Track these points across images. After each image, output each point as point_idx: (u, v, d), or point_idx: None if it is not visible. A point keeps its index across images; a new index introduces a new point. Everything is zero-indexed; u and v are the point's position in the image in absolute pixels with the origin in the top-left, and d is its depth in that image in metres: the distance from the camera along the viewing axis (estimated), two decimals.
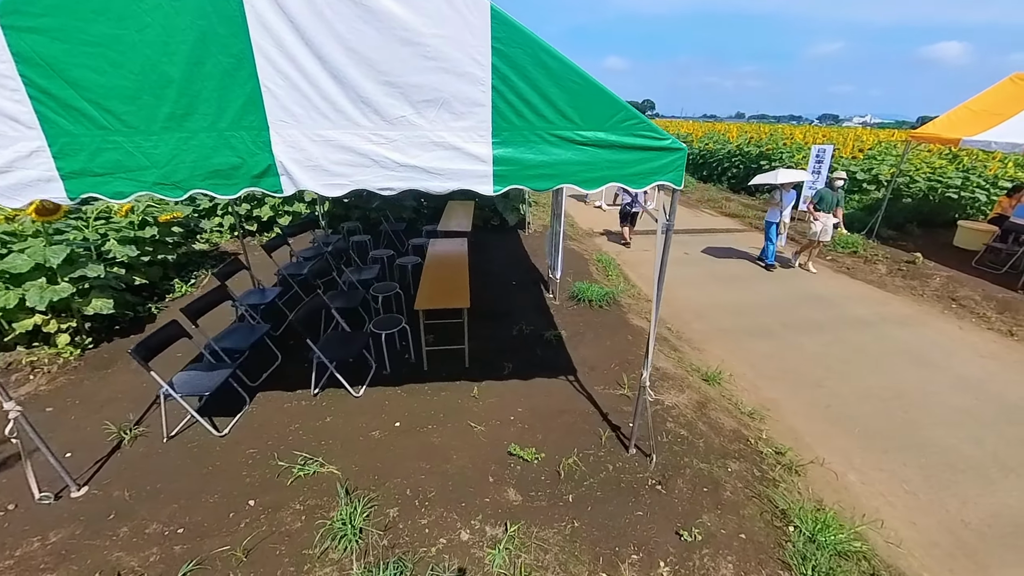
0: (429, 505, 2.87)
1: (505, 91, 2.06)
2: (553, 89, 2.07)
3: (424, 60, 2.00)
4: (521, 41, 1.99)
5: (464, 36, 1.96)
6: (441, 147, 2.12)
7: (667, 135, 2.22)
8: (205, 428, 3.44)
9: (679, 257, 8.49)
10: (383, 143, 2.11)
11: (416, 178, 2.16)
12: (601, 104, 2.12)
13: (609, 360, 4.52)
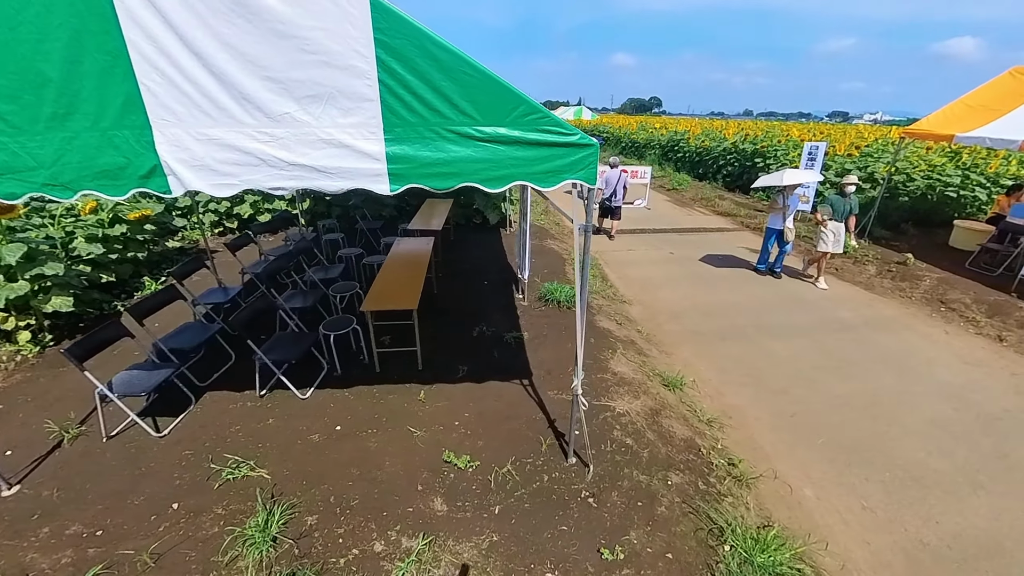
0: (350, 513, 2.76)
1: (393, 85, 1.92)
2: (446, 82, 1.92)
3: (304, 54, 1.87)
4: (406, 32, 1.85)
5: (344, 28, 1.83)
6: (331, 145, 2.00)
7: (575, 130, 2.06)
8: (145, 429, 3.39)
9: (664, 257, 8.26)
10: (269, 141, 1.99)
11: (307, 177, 2.04)
12: (499, 98, 1.97)
13: (567, 363, 4.36)
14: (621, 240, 9.22)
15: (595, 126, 27.22)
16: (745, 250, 8.65)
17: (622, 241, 9.15)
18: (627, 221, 10.53)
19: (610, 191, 8.70)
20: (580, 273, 2.56)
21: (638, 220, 10.68)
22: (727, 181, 13.73)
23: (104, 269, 5.06)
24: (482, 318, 5.11)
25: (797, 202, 6.84)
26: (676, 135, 17.99)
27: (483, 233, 8.45)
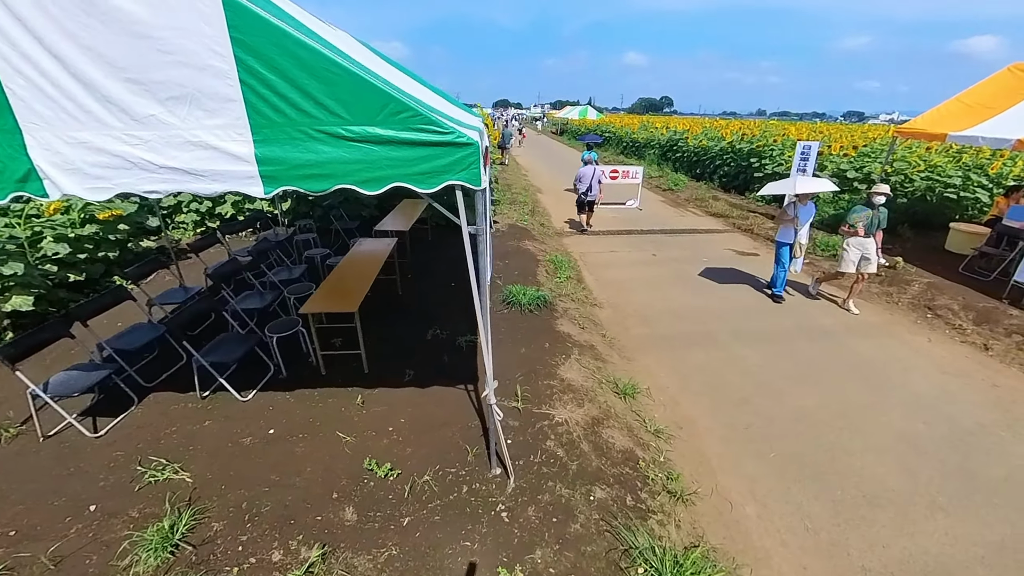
0: (258, 520, 2.70)
1: (256, 85, 1.83)
2: (310, 81, 1.83)
3: (162, 55, 1.79)
4: (263, 30, 1.76)
5: (199, 27, 1.75)
6: (199, 147, 1.92)
7: (451, 128, 1.94)
8: (84, 426, 3.40)
9: (646, 259, 8.05)
10: (137, 144, 1.92)
11: (179, 180, 1.97)
12: (367, 95, 1.86)
13: (516, 369, 4.23)
14: (605, 241, 9.02)
15: (598, 125, 26.91)
16: (732, 252, 8.38)
17: (605, 242, 8.95)
18: (615, 222, 10.35)
19: (584, 186, 9.04)
20: (477, 280, 2.44)
21: (627, 221, 10.46)
22: (723, 182, 13.35)
23: (72, 268, 5.13)
24: (440, 320, 5.01)
25: (812, 213, 5.93)
26: (675, 135, 17.60)
27: (460, 233, 8.34)
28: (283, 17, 1.83)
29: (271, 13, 1.77)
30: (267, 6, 1.80)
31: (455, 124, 2.03)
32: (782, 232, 5.99)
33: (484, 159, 2.16)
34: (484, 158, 2.17)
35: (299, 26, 1.84)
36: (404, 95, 1.90)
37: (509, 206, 10.76)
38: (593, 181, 9.04)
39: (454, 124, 2.02)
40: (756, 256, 8.20)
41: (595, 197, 9.24)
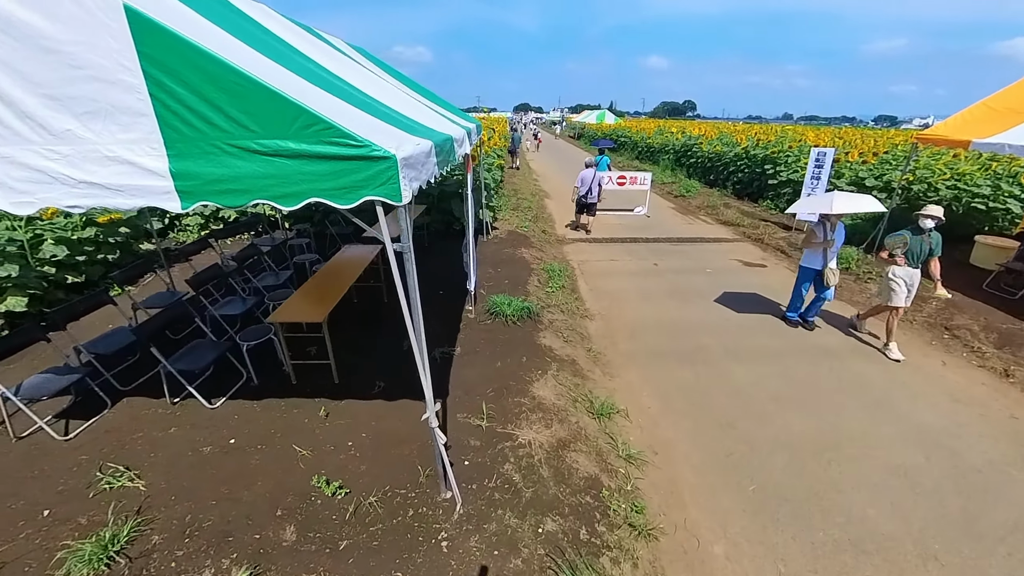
0: (198, 536, 2.65)
1: (166, 99, 1.78)
2: (219, 95, 1.76)
3: (73, 69, 1.76)
4: (169, 43, 1.70)
5: (107, 41, 1.70)
6: (116, 162, 1.88)
7: (366, 141, 1.84)
8: (54, 429, 3.45)
9: (647, 268, 7.79)
10: (57, 159, 1.90)
11: (99, 195, 1.93)
12: (277, 109, 1.78)
13: (489, 384, 4.11)
14: (606, 249, 8.79)
15: (614, 130, 26.49)
16: (738, 263, 8.03)
17: (607, 250, 8.72)
18: (621, 229, 10.10)
19: (585, 189, 9.26)
20: (408, 301, 2.33)
21: (632, 228, 10.19)
22: (737, 189, 12.86)
23: (71, 270, 5.29)
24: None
25: (844, 236, 5.12)
26: (690, 140, 17.11)
27: (459, 240, 8.27)
28: (220, 20, 1.78)
29: (208, 19, 1.72)
30: (224, 13, 1.75)
31: (416, 131, 1.93)
32: (808, 257, 5.18)
33: (468, 166, 2.05)
34: (468, 165, 2.06)
35: (240, 28, 1.78)
36: (312, 108, 1.81)
37: (512, 212, 10.65)
38: (593, 184, 9.21)
39: (413, 131, 1.92)
40: (763, 267, 7.83)
41: (595, 199, 9.43)
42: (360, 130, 1.91)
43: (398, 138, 2.30)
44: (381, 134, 2.12)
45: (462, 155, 4.18)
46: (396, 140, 2.22)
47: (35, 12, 1.69)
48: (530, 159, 23.44)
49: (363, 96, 3.21)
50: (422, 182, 2.34)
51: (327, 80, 2.77)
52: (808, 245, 5.19)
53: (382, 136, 2.03)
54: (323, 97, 2.16)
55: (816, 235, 5.09)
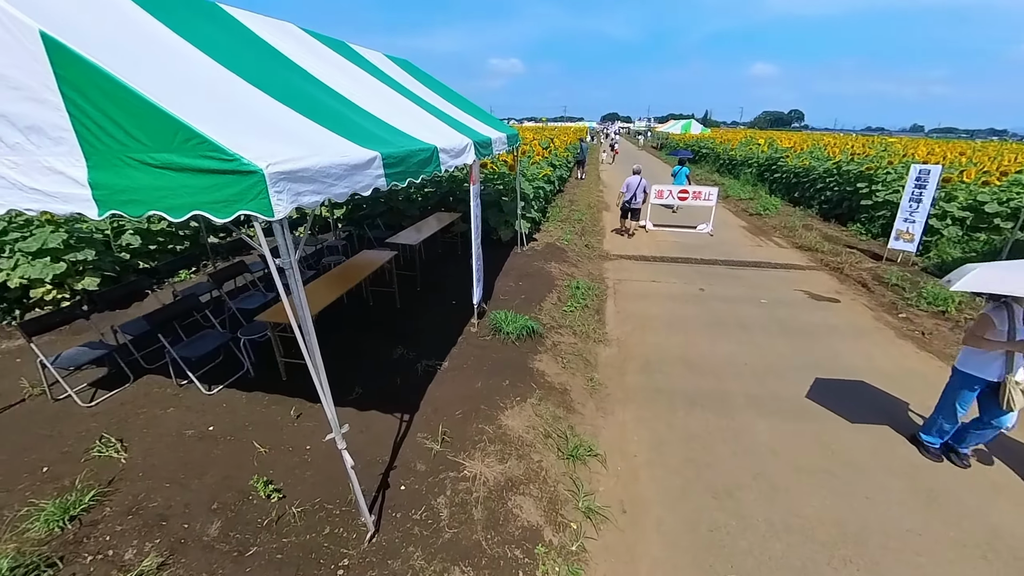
0: (139, 515, 2.83)
1: (78, 115, 1.91)
2: (115, 110, 1.85)
3: (11, 90, 1.97)
4: (76, 64, 1.83)
5: (32, 65, 1.87)
6: (52, 171, 2.07)
7: (235, 155, 1.81)
8: (80, 396, 3.99)
9: (690, 293, 7.05)
10: (12, 167, 2.14)
11: (43, 200, 2.15)
12: (161, 123, 1.82)
13: (459, 405, 3.94)
14: (651, 269, 8.13)
15: (696, 141, 24.67)
16: (803, 295, 6.93)
17: (651, 270, 8.06)
18: (675, 247, 9.32)
19: (630, 195, 9.52)
20: (296, 317, 2.26)
21: (688, 247, 9.33)
22: (823, 209, 11.12)
23: (144, 257, 6.16)
24: (414, 340, 4.93)
25: None
26: (776, 152, 15.25)
27: (491, 250, 8.19)
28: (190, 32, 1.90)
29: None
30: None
31: (373, 140, 1.90)
32: (973, 359, 3.36)
33: (472, 177, 2.00)
34: (473, 176, 2.00)
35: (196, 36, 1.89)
36: (188, 123, 1.83)
37: (559, 224, 10.36)
38: (638, 190, 9.47)
39: (368, 141, 1.90)
40: (834, 302, 6.66)
41: (639, 205, 9.71)
42: (276, 142, 1.95)
43: (315, 147, 2.29)
44: (304, 146, 2.15)
45: (455, 164, 4.10)
46: (311, 149, 2.21)
47: None
48: (602, 170, 22.80)
49: (339, 108, 3.27)
50: (333, 195, 2.29)
51: (303, 93, 2.90)
52: (978, 343, 3.24)
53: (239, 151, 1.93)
54: (245, 110, 2.21)
55: (994, 326, 3.18)
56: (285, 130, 2.40)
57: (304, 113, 2.68)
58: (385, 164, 2.78)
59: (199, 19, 2.99)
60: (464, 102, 6.68)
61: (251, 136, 2.05)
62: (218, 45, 2.82)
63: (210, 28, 3.00)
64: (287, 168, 1.94)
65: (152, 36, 2.48)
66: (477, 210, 5.01)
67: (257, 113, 2.42)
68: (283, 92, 2.79)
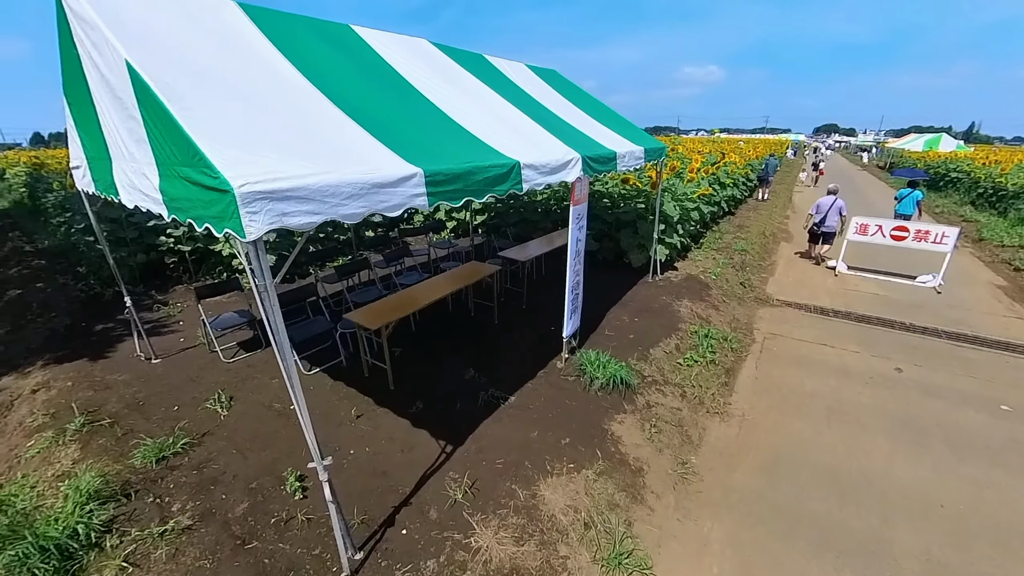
0: (197, 473, 3.20)
1: (150, 132, 2.15)
2: (162, 126, 2.02)
3: (124, 109, 2.33)
4: (140, 86, 2.05)
5: (127, 88, 2.17)
6: (145, 178, 2.40)
7: (218, 172, 1.73)
8: (223, 351, 4.87)
9: (879, 372, 5.01)
10: (133, 171, 2.57)
11: (148, 201, 2.51)
12: (182, 140, 1.89)
13: (505, 453, 3.44)
14: (827, 327, 6.11)
15: (944, 161, 17.84)
16: None
17: (826, 328, 6.05)
18: (874, 302, 6.91)
19: (819, 216, 8.29)
20: (275, 339, 2.10)
21: (897, 304, 6.75)
22: None
23: (312, 242, 7.35)
24: (492, 364, 4.60)
25: None
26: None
27: (618, 275, 7.30)
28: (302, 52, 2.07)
29: None
30: None
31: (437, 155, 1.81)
32: None
33: (573, 195, 1.84)
34: (573, 194, 1.85)
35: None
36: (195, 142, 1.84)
37: (712, 252, 8.76)
38: (831, 212, 8.19)
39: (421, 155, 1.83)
40: None
41: (832, 229, 8.27)
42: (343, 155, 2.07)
43: (340, 163, 2.16)
44: (324, 161, 2.09)
45: (550, 181, 3.62)
46: (332, 165, 2.08)
47: (105, 70, 2.32)
48: (796, 191, 18.84)
49: (418, 122, 3.16)
50: (342, 216, 2.10)
51: (383, 108, 2.93)
52: None
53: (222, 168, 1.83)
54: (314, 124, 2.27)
55: None
56: (325, 146, 2.32)
57: (369, 128, 2.61)
58: (429, 182, 2.50)
59: (314, 37, 3.22)
60: (602, 112, 6.08)
61: (269, 153, 2.00)
62: (314, 61, 2.96)
63: (319, 44, 3.20)
64: (268, 187, 1.81)
65: (255, 56, 2.69)
66: (579, 233, 4.41)
67: (311, 131, 2.41)
68: (358, 107, 2.78)
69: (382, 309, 4.36)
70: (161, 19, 2.51)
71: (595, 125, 5.49)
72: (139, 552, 2.66)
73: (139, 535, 2.75)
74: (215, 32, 2.67)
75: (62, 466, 3.33)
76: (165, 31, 2.46)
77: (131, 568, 2.57)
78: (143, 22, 2.41)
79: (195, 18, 2.67)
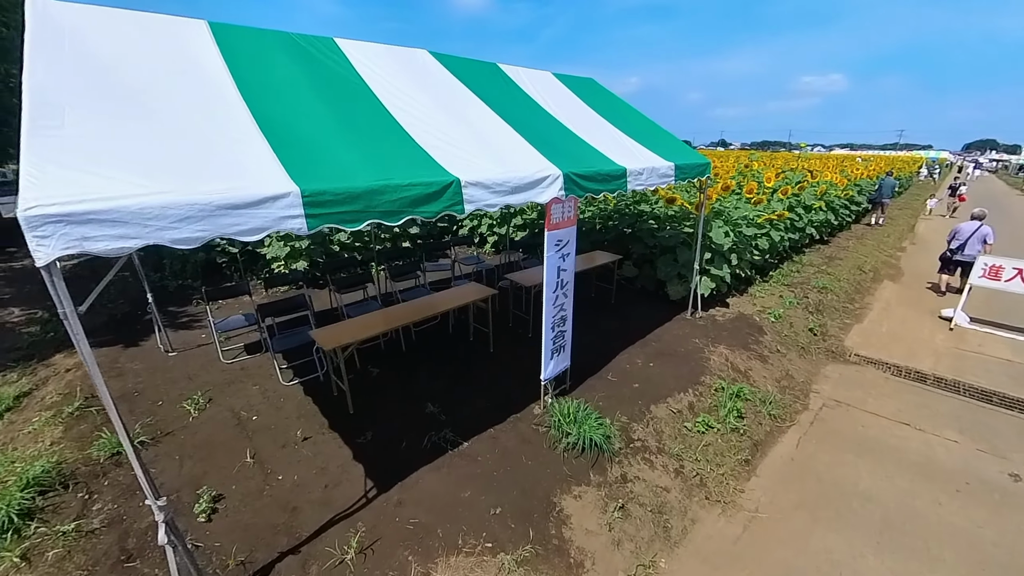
0: (102, 479, 3.24)
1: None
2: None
3: None
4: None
5: None
6: None
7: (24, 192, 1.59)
8: (224, 351, 5.06)
9: (981, 475, 3.59)
10: None
11: None
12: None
13: (425, 514, 2.95)
14: (915, 399, 4.61)
15: None
16: None
17: (912, 401, 4.56)
18: (996, 370, 5.25)
19: (958, 243, 7.05)
20: (93, 376, 1.86)
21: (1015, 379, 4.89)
22: None
23: (348, 250, 7.56)
24: (466, 400, 4.15)
25: None
26: None
27: (652, 307, 6.32)
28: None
29: None
30: None
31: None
32: None
33: (548, 218, 1.63)
34: (548, 217, 1.64)
35: None
36: None
37: (782, 287, 7.32)
38: (972, 239, 6.87)
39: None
40: None
41: (971, 259, 6.60)
42: None
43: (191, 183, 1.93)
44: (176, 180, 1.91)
45: (512, 202, 3.11)
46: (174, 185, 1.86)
47: None
48: (924, 219, 15.41)
49: (369, 137, 2.88)
50: (171, 240, 1.86)
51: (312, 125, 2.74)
52: None
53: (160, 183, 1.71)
54: None
55: None
56: (200, 164, 2.12)
57: (278, 146, 2.38)
58: (309, 202, 2.18)
59: (280, 53, 3.14)
60: (633, 123, 5.34)
61: (115, 172, 1.85)
62: (264, 78, 2.84)
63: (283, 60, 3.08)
64: (63, 210, 1.63)
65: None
66: (561, 262, 3.78)
67: (203, 149, 2.23)
68: (286, 124, 2.60)
69: (346, 330, 4.13)
70: (106, 34, 2.54)
71: (613, 137, 4.79)
72: (37, 549, 2.68)
73: (47, 531, 2.78)
74: (164, 50, 2.67)
75: (43, 445, 3.59)
76: (103, 46, 2.47)
77: (22, 563, 2.59)
78: (82, 37, 2.44)
79: (150, 35, 2.70)
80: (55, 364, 4.94)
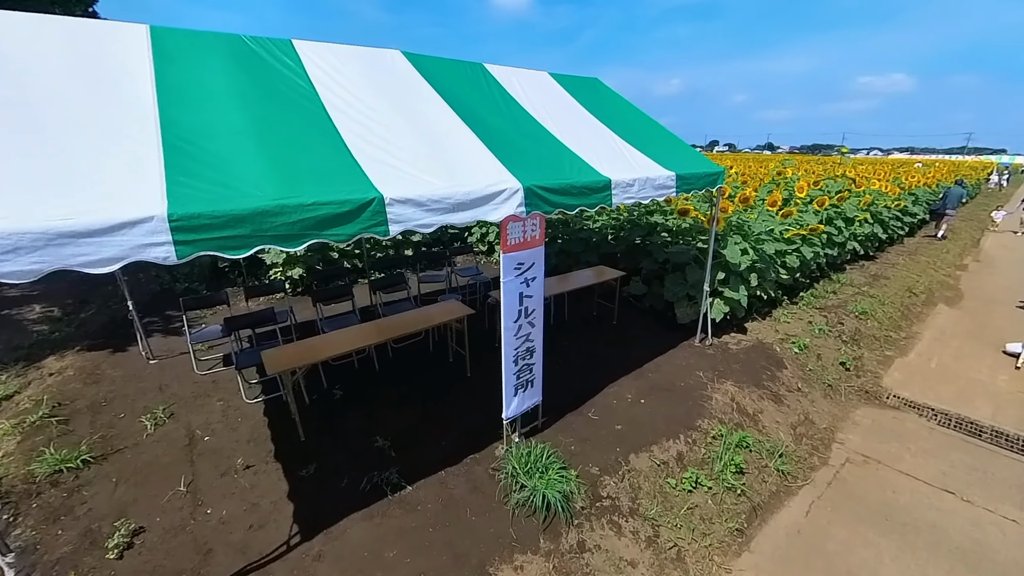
0: (87, 491, 3.09)
1: None
2: None
3: None
4: None
5: None
6: None
7: None
8: (201, 362, 4.95)
9: None
10: None
11: None
12: None
13: (341, 570, 2.59)
14: (967, 457, 3.79)
15: None
16: None
17: (969, 461, 3.74)
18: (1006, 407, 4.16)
19: None
20: None
21: None
22: None
23: (348, 258, 7.40)
24: (423, 435, 3.77)
25: None
26: None
27: (656, 331, 5.69)
28: None
29: None
30: None
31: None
32: None
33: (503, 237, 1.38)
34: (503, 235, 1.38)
35: None
36: None
37: (813, 311, 6.46)
38: None
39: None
40: None
41: None
42: None
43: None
44: None
45: (461, 220, 2.71)
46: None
47: None
48: (992, 233, 13.54)
49: (286, 148, 2.56)
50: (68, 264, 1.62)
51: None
52: None
53: None
54: None
55: None
56: (70, 186, 1.87)
57: (171, 160, 2.14)
58: (178, 227, 1.89)
59: (223, 57, 2.90)
60: (635, 128, 4.80)
61: None
62: (191, 85, 2.59)
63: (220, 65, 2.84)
64: None
65: None
66: (523, 288, 3.32)
67: (85, 165, 1.99)
68: (202, 131, 2.37)
69: (299, 352, 3.84)
70: (24, 42, 2.40)
71: (607, 143, 4.28)
72: None
73: None
74: (86, 59, 2.50)
75: None
76: (16, 53, 2.32)
77: None
78: None
79: (76, 43, 2.55)
80: (44, 367, 4.99)
